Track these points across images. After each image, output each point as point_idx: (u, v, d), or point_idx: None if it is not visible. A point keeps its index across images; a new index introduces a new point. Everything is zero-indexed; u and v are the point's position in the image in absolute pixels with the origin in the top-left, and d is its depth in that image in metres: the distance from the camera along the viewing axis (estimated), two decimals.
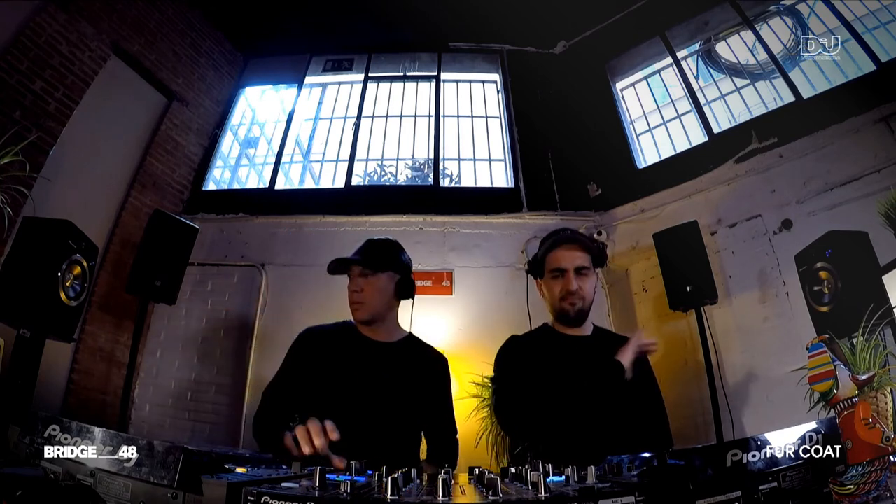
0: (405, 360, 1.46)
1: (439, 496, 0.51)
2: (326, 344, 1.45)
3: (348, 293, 1.45)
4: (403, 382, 1.41)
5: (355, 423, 1.30)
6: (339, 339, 1.47)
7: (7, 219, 2.50)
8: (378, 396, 1.37)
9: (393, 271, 1.46)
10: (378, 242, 1.51)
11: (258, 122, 4.95)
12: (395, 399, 1.38)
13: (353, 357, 1.42)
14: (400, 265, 1.48)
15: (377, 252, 1.47)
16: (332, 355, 1.42)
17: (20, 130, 2.78)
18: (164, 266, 2.98)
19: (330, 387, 1.37)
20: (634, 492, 0.52)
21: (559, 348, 1.49)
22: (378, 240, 1.52)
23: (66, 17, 3.22)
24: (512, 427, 1.54)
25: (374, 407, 1.35)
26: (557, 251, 1.49)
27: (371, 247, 1.49)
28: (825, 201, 2.95)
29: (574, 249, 1.48)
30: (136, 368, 3.25)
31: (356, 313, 1.44)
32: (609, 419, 1.34)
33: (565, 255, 1.48)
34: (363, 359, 1.42)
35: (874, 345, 1.51)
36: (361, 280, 1.43)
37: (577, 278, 1.46)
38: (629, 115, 4.38)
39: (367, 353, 1.43)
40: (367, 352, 1.43)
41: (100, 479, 0.64)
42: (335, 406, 1.33)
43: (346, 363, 1.40)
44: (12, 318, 2.13)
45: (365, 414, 1.34)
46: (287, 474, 0.68)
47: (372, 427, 1.32)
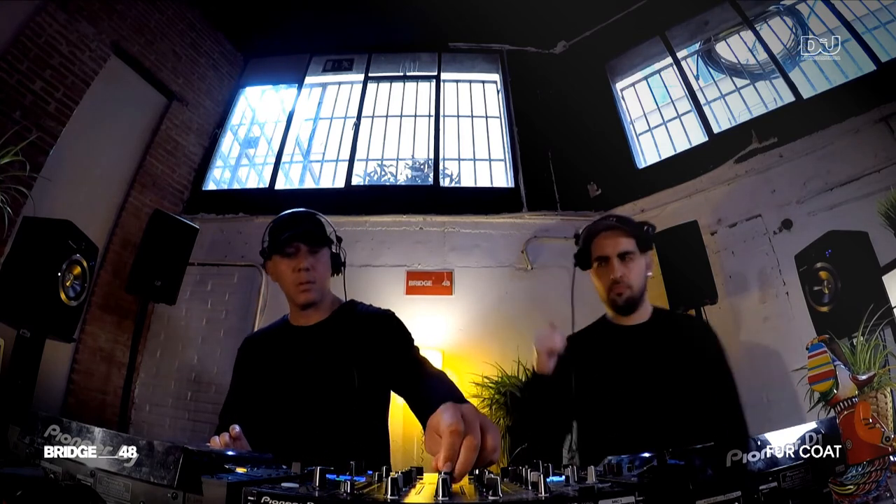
0: (334, 333, 1.32)
1: (439, 496, 0.51)
2: (261, 346, 1.40)
3: (292, 275, 1.29)
4: (333, 358, 1.27)
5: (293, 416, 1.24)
6: (272, 337, 1.40)
7: (7, 219, 2.50)
8: (304, 384, 1.26)
9: (327, 247, 1.37)
10: (311, 217, 1.38)
11: (258, 122, 4.95)
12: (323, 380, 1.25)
13: (279, 353, 1.34)
14: (331, 239, 1.39)
15: (318, 226, 1.36)
16: (266, 355, 1.36)
17: (20, 130, 2.78)
18: (164, 266, 2.98)
19: (265, 388, 1.31)
20: (634, 492, 0.52)
21: (613, 341, 1.43)
22: (307, 212, 1.39)
23: (66, 17, 3.22)
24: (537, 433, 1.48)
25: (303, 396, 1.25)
26: (599, 238, 1.42)
27: (307, 220, 1.36)
28: (825, 201, 2.96)
29: (617, 235, 1.41)
30: (136, 368, 3.25)
31: (307, 294, 1.29)
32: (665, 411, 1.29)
33: (607, 241, 1.41)
34: (286, 351, 1.33)
35: (874, 345, 1.51)
36: (310, 258, 1.30)
37: (621, 265, 1.39)
38: (629, 115, 4.38)
39: (292, 344, 1.34)
40: (291, 342, 1.34)
41: (100, 479, 0.63)
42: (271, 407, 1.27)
43: (274, 360, 1.33)
44: (12, 318, 2.13)
45: (298, 404, 1.25)
46: (287, 474, 0.68)
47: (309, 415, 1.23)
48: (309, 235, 1.32)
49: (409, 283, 3.72)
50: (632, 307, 1.42)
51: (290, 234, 1.30)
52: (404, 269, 3.75)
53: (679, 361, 1.35)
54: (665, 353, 1.36)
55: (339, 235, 1.43)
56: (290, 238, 1.30)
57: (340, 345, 1.29)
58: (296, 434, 1.22)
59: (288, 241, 1.30)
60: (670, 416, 1.29)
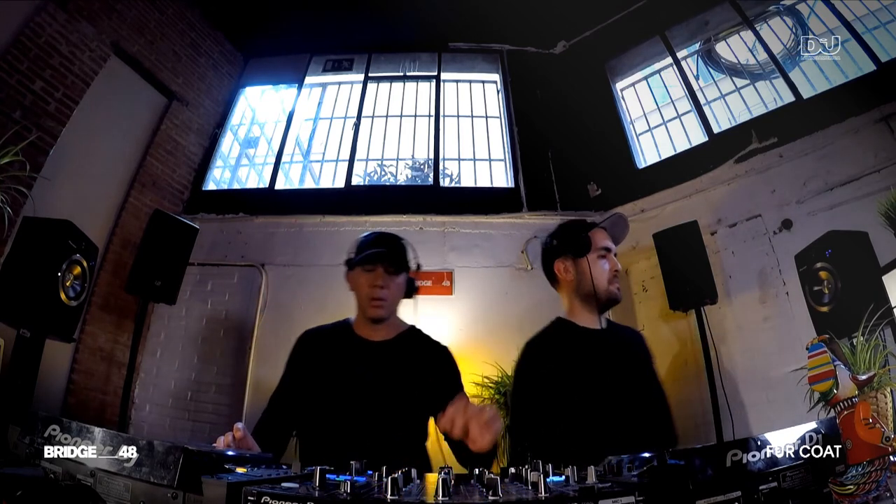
0: (397, 356, 1.42)
1: (439, 496, 0.51)
2: (323, 346, 1.45)
3: (367, 289, 1.38)
4: (393, 379, 1.38)
5: (346, 426, 1.32)
6: (334, 339, 1.46)
7: (7, 219, 2.49)
8: (363, 397, 1.34)
9: (406, 272, 1.45)
10: (396, 241, 1.46)
11: (258, 122, 4.95)
12: (381, 398, 1.35)
13: (343, 359, 1.41)
14: (409, 266, 1.47)
15: (401, 252, 1.44)
16: (327, 358, 1.42)
17: (20, 130, 2.78)
18: (164, 266, 2.97)
19: (323, 390, 1.37)
20: (634, 492, 0.52)
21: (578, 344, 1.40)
22: (394, 237, 1.47)
23: (66, 17, 3.22)
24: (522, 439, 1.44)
25: (360, 408, 1.33)
26: (600, 231, 1.47)
27: (393, 244, 1.44)
28: (825, 201, 2.95)
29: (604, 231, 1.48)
30: (136, 368, 3.25)
31: (377, 310, 1.38)
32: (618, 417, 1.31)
33: (603, 234, 1.46)
34: (351, 360, 1.40)
35: (874, 345, 1.51)
36: (388, 278, 1.39)
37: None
38: (629, 115, 4.38)
39: (356, 354, 1.41)
40: (355, 352, 1.42)
41: (100, 479, 0.63)
42: (327, 409, 1.35)
43: (337, 365, 1.40)
44: (12, 318, 2.13)
45: (353, 415, 1.33)
46: (287, 474, 0.68)
47: (362, 427, 1.31)
48: (391, 258, 1.41)
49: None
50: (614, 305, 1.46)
51: (375, 254, 1.39)
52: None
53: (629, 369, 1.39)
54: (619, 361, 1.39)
55: (420, 263, 1.51)
56: (373, 256, 1.39)
57: (407, 366, 1.40)
58: (353, 440, 1.30)
59: (371, 259, 1.39)
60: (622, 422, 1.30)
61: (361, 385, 1.36)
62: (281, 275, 3.82)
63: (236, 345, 3.64)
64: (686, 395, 2.96)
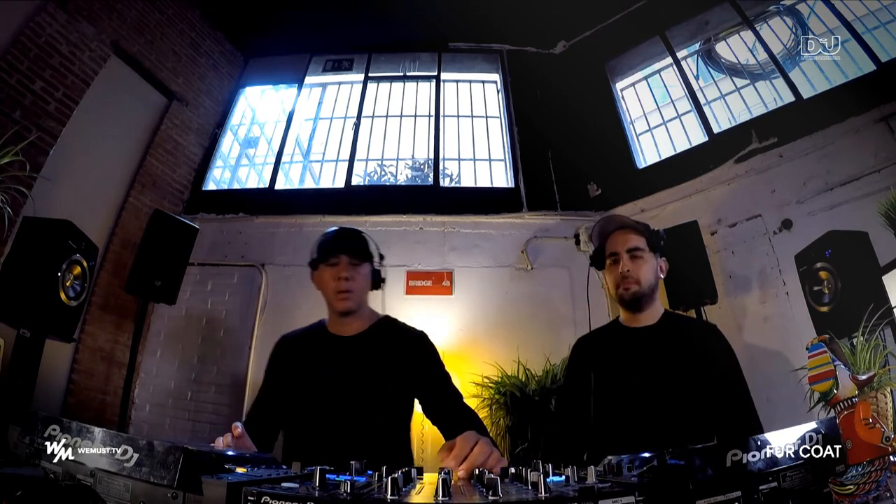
0: (369, 348, 1.42)
1: (439, 496, 0.51)
2: (297, 348, 1.47)
3: (332, 283, 1.40)
4: (364, 372, 1.38)
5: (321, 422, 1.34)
6: (307, 341, 1.48)
7: (7, 219, 2.50)
8: (340, 394, 1.35)
9: (370, 262, 1.48)
10: (357, 234, 1.50)
11: (258, 122, 4.95)
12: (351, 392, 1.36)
13: (318, 358, 1.42)
14: (372, 256, 1.50)
15: (361, 243, 1.48)
16: (301, 359, 1.44)
17: (20, 130, 2.78)
18: (164, 266, 2.98)
19: (297, 391, 1.39)
20: (634, 492, 0.52)
21: (622, 344, 1.46)
22: (354, 230, 1.52)
23: (66, 17, 3.22)
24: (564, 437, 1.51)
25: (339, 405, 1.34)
26: (612, 237, 1.50)
27: (353, 236, 1.49)
28: (825, 201, 2.96)
29: (627, 233, 1.48)
30: (136, 368, 3.25)
31: (344, 303, 1.40)
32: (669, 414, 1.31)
33: (618, 238, 1.48)
34: (325, 358, 1.42)
35: (874, 345, 1.51)
36: (352, 269, 1.41)
37: (630, 261, 1.44)
38: (629, 115, 4.38)
39: (330, 351, 1.43)
40: (326, 350, 1.43)
41: (100, 479, 0.63)
42: (307, 410, 1.36)
43: (312, 365, 1.41)
44: (12, 318, 2.13)
45: (332, 414, 1.34)
46: (287, 474, 0.68)
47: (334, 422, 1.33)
48: (351, 249, 1.44)
49: (409, 283, 3.72)
50: (637, 303, 1.45)
51: (335, 246, 1.44)
52: (404, 269, 3.74)
53: (686, 364, 1.37)
54: (672, 357, 1.39)
55: (382, 253, 1.53)
56: (334, 250, 1.43)
57: (379, 358, 1.40)
58: (329, 437, 1.32)
59: (332, 252, 1.43)
60: (673, 418, 1.31)
61: (338, 378, 1.37)
62: (281, 275, 3.82)
63: (236, 345, 3.64)
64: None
